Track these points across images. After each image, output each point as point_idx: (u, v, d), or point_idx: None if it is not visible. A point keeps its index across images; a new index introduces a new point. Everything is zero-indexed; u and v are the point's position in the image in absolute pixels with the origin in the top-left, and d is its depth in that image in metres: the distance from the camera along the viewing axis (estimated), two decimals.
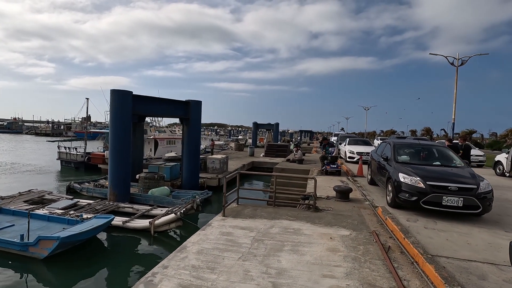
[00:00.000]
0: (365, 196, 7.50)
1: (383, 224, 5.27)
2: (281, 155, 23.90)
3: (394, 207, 6.31)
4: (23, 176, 17.48)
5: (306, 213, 5.91)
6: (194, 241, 4.23)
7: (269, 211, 5.95)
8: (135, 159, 14.63)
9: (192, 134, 14.00)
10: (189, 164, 13.93)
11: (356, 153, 15.50)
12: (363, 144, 17.38)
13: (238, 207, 6.24)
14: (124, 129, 11.36)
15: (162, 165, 14.78)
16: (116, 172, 11.38)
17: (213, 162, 16.23)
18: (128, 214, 10.38)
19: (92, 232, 7.74)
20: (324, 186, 8.91)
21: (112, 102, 11.20)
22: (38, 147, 33.30)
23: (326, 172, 11.12)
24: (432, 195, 5.54)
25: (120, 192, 11.44)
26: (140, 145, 14.98)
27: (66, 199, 11.18)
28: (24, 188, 13.70)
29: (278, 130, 40.71)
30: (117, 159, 11.36)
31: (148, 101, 12.32)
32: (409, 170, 6.18)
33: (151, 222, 8.68)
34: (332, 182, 9.76)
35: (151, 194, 11.93)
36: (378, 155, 8.59)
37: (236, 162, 20.82)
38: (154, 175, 12.86)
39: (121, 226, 8.91)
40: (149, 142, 22.28)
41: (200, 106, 14.24)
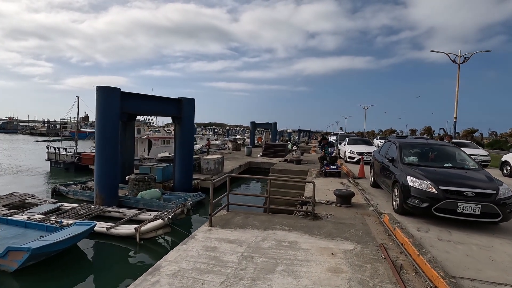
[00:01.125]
0: (369, 201, 6.87)
1: (391, 235, 4.64)
2: (279, 155, 23.25)
3: (401, 214, 5.68)
4: (9, 178, 16.77)
5: (303, 221, 5.27)
6: (171, 259, 3.58)
7: (263, 219, 5.31)
8: (125, 160, 13.96)
9: (185, 134, 13.34)
10: (182, 165, 13.27)
11: (356, 153, 14.89)
12: (364, 143, 16.78)
13: (228, 214, 5.59)
14: (111, 128, 10.69)
15: (154, 166, 14.11)
16: (102, 174, 10.71)
17: (207, 162, 15.57)
18: (115, 219, 9.73)
19: (71, 241, 7.08)
20: (324, 189, 8.28)
21: (98, 99, 10.52)
22: (31, 147, 32.53)
23: (325, 174, 10.49)
24: (445, 201, 4.91)
25: (107, 195, 10.77)
26: (131, 145, 14.31)
27: (49, 203, 10.50)
28: (7, 191, 13.01)
29: (276, 130, 40.10)
30: (103, 160, 10.69)
31: (138, 98, 11.65)
32: (418, 173, 5.55)
33: (136, 228, 8.02)
34: (332, 184, 9.13)
35: (140, 197, 11.27)
36: (381, 156, 7.96)
37: (232, 163, 20.17)
38: (144, 177, 12.18)
39: (104, 233, 8.25)
40: (143, 142, 21.60)
41: (193, 104, 13.58)
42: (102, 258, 7.56)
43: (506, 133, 42.94)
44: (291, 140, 23.17)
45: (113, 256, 7.68)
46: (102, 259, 7.52)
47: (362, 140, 17.83)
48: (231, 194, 6.16)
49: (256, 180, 18.93)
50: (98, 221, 9.56)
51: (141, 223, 8.24)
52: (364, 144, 16.50)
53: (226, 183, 5.88)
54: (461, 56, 22.93)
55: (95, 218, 9.85)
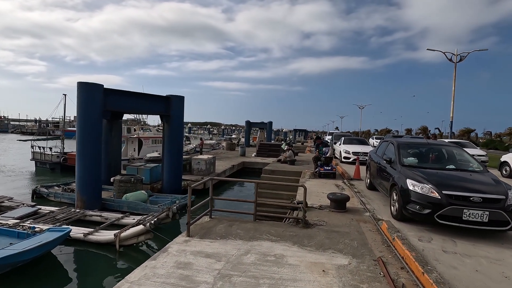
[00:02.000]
0: (365, 205, 6.38)
1: (390, 246, 4.14)
2: (273, 155, 22.75)
3: (400, 220, 5.21)
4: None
5: (293, 229, 4.76)
6: (134, 280, 3.04)
7: (248, 227, 4.79)
8: (111, 160, 13.35)
9: (174, 133, 12.76)
10: (171, 165, 12.70)
11: (352, 153, 14.45)
12: (359, 143, 16.35)
13: (210, 222, 5.06)
14: (93, 127, 10.08)
15: (142, 166, 13.50)
16: (84, 175, 10.10)
17: (198, 163, 15.01)
18: (97, 223, 9.15)
19: (42, 249, 6.48)
20: (317, 192, 7.79)
21: (79, 96, 9.90)
22: (18, 147, 31.60)
23: (319, 175, 10.00)
24: (449, 207, 4.43)
25: (89, 198, 10.16)
26: (117, 144, 13.69)
27: (26, 207, 9.86)
28: None
29: (271, 129, 39.58)
30: (85, 160, 10.08)
31: (122, 95, 11.04)
32: (419, 176, 5.07)
33: (116, 234, 7.45)
34: (326, 186, 8.65)
35: (125, 199, 10.68)
36: (378, 156, 7.49)
37: (225, 163, 19.62)
38: (130, 178, 11.59)
39: (82, 239, 7.67)
40: (133, 142, 20.96)
41: (182, 102, 13.01)
42: (78, 267, 6.98)
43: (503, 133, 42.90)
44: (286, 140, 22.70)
45: (90, 265, 7.10)
46: (77, 268, 6.94)
47: (358, 140, 17.41)
48: (218, 200, 5.65)
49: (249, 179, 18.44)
50: (78, 226, 8.98)
51: (122, 229, 7.67)
52: (360, 144, 16.07)
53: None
54: (457, 54, 22.65)
55: (75, 222, 9.26)
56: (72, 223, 9.20)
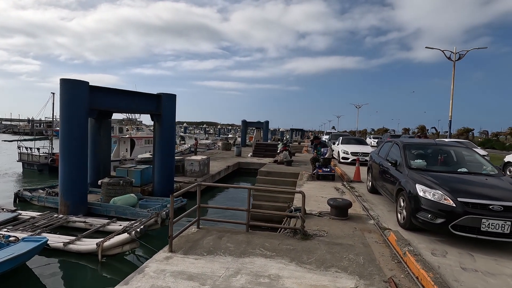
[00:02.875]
0: (368, 211, 5.88)
1: (401, 261, 3.63)
2: (270, 155, 22.24)
3: (408, 229, 4.71)
4: None
5: (290, 242, 4.23)
6: None
7: (240, 239, 4.25)
8: (100, 161, 12.73)
9: (165, 132, 12.17)
10: (162, 167, 12.12)
11: (350, 153, 13.98)
12: (358, 143, 15.89)
13: (197, 233, 4.51)
14: (78, 126, 9.46)
15: (132, 168, 12.90)
16: (68, 178, 9.49)
17: (191, 164, 14.43)
18: (81, 230, 8.55)
19: (14, 262, 5.89)
20: (316, 196, 7.27)
21: (63, 94, 9.28)
22: (7, 147, 30.72)
23: (317, 177, 9.49)
24: (466, 217, 3.94)
25: (73, 202, 9.56)
26: (107, 145, 13.05)
27: (5, 212, 9.22)
28: None
29: (268, 129, 39.09)
30: (69, 162, 9.47)
31: (110, 93, 10.44)
32: (430, 180, 4.57)
33: (98, 244, 6.87)
34: (325, 189, 8.14)
35: (112, 203, 10.09)
36: (381, 158, 7.00)
37: (220, 163, 19.06)
38: (119, 181, 10.98)
39: (61, 249, 7.07)
40: (125, 142, 20.31)
41: (174, 100, 12.42)
42: (55, 280, 6.38)
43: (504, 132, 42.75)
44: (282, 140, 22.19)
45: (69, 277, 6.52)
46: (55, 281, 6.34)
47: (356, 140, 16.95)
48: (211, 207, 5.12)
49: (244, 181, 17.88)
50: (60, 233, 8.40)
51: (105, 238, 7.09)
52: (359, 144, 15.62)
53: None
54: (456, 53, 22.30)
55: (57, 229, 8.66)
56: (54, 230, 8.62)
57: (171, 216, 3.79)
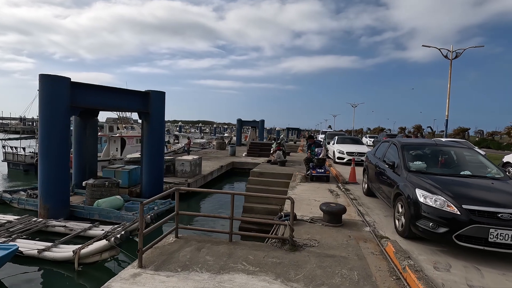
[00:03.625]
0: (363, 216, 5.47)
1: (401, 278, 3.22)
2: (265, 155, 21.85)
3: (407, 238, 4.31)
4: None
5: (278, 253, 3.80)
6: None
7: (221, 251, 3.81)
8: (86, 161, 12.20)
9: (154, 131, 11.67)
10: (150, 167, 11.62)
11: (346, 153, 13.61)
12: (354, 142, 15.53)
13: (175, 243, 4.07)
14: (59, 125, 8.93)
15: (120, 168, 12.39)
16: (47, 179, 8.98)
17: (182, 164, 13.95)
18: (61, 235, 8.07)
19: None
20: (308, 199, 6.85)
21: (42, 90, 8.76)
22: None
23: (311, 178, 9.08)
24: (472, 226, 3.54)
25: (54, 205, 9.04)
26: (93, 144, 12.52)
27: None
28: None
29: (263, 128, 38.69)
30: (49, 163, 8.94)
31: (94, 90, 9.91)
32: (431, 185, 4.17)
33: (75, 251, 6.39)
34: (319, 191, 7.73)
35: (96, 206, 9.59)
36: (377, 159, 6.61)
37: (213, 163, 18.60)
38: (104, 182, 10.48)
39: (36, 257, 6.58)
40: (115, 141, 19.74)
41: (163, 98, 11.92)
42: None
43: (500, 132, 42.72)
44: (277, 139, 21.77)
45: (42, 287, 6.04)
46: None
47: (352, 139, 16.59)
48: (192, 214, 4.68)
49: (238, 181, 17.44)
50: (38, 239, 7.91)
51: (82, 245, 6.60)
52: (354, 144, 15.25)
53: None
54: (453, 51, 22.04)
55: (36, 234, 8.17)
56: (33, 235, 8.12)
57: (141, 227, 3.35)
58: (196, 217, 9.86)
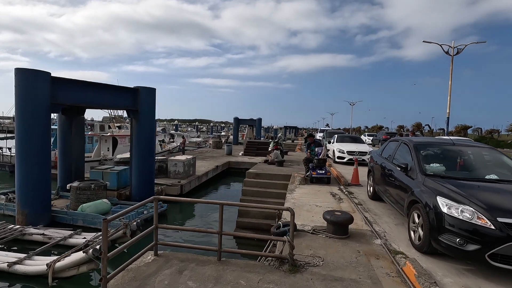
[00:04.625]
0: (371, 225, 4.85)
1: None
2: (262, 154, 21.21)
3: (426, 253, 3.69)
4: None
5: (275, 276, 3.17)
6: None
7: (207, 274, 3.16)
8: (72, 162, 11.50)
9: (144, 130, 10.98)
10: (140, 168, 10.94)
11: (346, 152, 13.00)
12: (354, 141, 14.92)
13: (153, 263, 3.41)
14: (37, 124, 8.21)
15: (108, 169, 11.69)
16: (25, 183, 8.26)
17: (175, 164, 13.28)
18: (39, 244, 7.38)
19: None
20: (309, 204, 6.22)
21: (18, 86, 8.03)
22: None
23: (311, 180, 8.45)
24: (510, 244, 2.92)
25: (33, 210, 8.33)
26: (79, 144, 11.81)
27: None
28: None
29: (260, 126, 38.06)
30: (26, 165, 8.22)
31: (77, 86, 9.18)
32: (454, 192, 3.55)
33: (49, 264, 5.71)
34: (320, 195, 7.10)
35: (80, 210, 8.91)
36: (384, 159, 5.99)
37: (208, 163, 17.93)
38: (90, 184, 9.79)
39: (5, 271, 5.89)
40: (106, 140, 19.01)
41: (153, 95, 11.23)
42: None
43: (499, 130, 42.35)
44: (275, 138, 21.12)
45: None
46: None
47: (352, 138, 15.98)
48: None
49: (235, 182, 16.77)
50: (15, 248, 7.24)
51: (58, 257, 5.93)
52: (355, 142, 14.65)
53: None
54: (454, 47, 21.47)
55: (12, 243, 7.48)
56: (8, 244, 7.43)
57: (104, 249, 2.70)
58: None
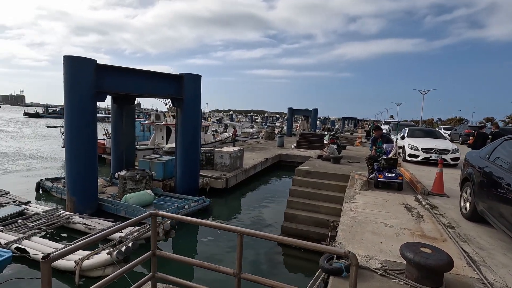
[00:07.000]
0: (478, 270, 3.16)
1: None
2: (316, 147, 19.52)
3: None
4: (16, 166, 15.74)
5: None
6: None
7: None
8: (123, 150, 11.66)
9: (188, 119, 10.44)
10: (184, 159, 10.48)
11: (421, 149, 10.64)
12: (430, 136, 12.28)
13: None
14: (82, 113, 8.14)
15: (155, 159, 11.56)
16: (73, 169, 8.34)
17: (221, 156, 12.61)
18: (81, 233, 7.34)
19: None
20: (375, 220, 4.67)
21: (65, 74, 8.01)
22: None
23: (376, 184, 6.74)
24: None
25: (80, 198, 8.42)
26: (130, 133, 11.90)
27: (16, 205, 8.46)
28: (9, 182, 11.60)
29: (316, 117, 35.84)
30: (75, 151, 8.28)
31: (121, 74, 8.93)
32: None
33: (77, 261, 5.36)
34: (390, 207, 5.42)
35: (124, 201, 8.75)
36: (496, 166, 4.10)
37: (257, 155, 17.01)
38: (135, 174, 9.65)
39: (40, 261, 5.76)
40: (161, 129, 19.49)
41: (199, 82, 10.57)
42: None
43: None
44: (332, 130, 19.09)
45: None
46: None
47: (428, 132, 13.25)
48: None
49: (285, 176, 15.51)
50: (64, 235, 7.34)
51: (87, 254, 5.56)
52: (432, 137, 12.05)
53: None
54: None
55: (58, 230, 7.59)
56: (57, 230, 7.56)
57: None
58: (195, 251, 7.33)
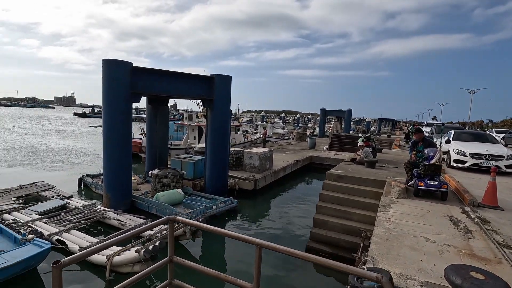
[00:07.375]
0: None
1: None
2: (349, 150, 18.74)
3: None
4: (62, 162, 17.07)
5: None
6: None
7: None
8: (157, 149, 12.08)
9: (218, 120, 10.50)
10: (214, 159, 10.57)
11: (469, 155, 9.62)
12: (480, 140, 11.09)
13: None
14: (118, 113, 8.54)
15: (186, 159, 11.82)
16: (110, 166, 8.77)
17: (250, 157, 12.55)
18: (115, 229, 7.68)
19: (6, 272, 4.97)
20: (413, 234, 4.22)
21: (104, 76, 8.45)
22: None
23: (416, 193, 6.16)
24: None
25: (115, 195, 8.84)
26: (164, 132, 12.31)
27: (59, 199, 9.11)
28: (55, 177, 12.64)
29: (350, 118, 34.50)
30: (112, 149, 8.71)
31: (154, 76, 9.21)
32: None
33: (108, 257, 5.57)
34: (431, 219, 4.88)
35: (155, 199, 9.02)
36: None
37: (288, 157, 16.72)
38: (167, 173, 9.92)
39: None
40: (193, 130, 20.00)
41: (229, 83, 10.59)
42: None
43: None
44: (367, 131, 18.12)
45: None
46: None
47: (477, 135, 12.00)
48: None
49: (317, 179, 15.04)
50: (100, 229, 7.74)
51: (118, 250, 5.75)
52: (482, 141, 10.87)
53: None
54: None
55: (95, 224, 8.01)
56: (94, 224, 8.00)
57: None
58: (216, 255, 7.08)
